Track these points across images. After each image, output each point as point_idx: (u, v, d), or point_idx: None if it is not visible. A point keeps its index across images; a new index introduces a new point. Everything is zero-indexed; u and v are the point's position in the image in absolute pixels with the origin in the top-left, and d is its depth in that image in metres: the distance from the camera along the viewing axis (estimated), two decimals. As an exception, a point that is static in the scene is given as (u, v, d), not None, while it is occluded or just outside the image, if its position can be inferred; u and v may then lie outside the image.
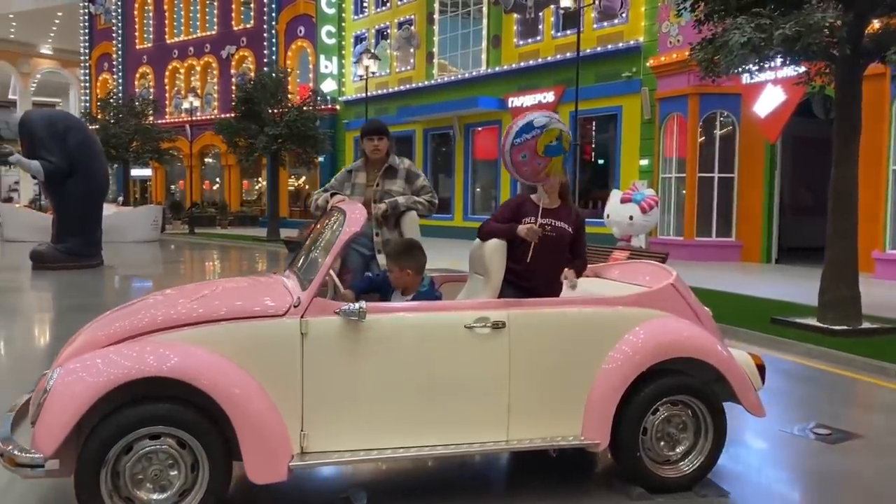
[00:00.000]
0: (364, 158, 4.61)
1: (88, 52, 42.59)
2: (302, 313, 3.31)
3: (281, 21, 32.19)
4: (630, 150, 19.67)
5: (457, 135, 24.68)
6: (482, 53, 24.18)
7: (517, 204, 4.09)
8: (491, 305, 3.58)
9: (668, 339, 3.72)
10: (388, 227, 4.38)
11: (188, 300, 3.48)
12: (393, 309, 3.48)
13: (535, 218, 3.94)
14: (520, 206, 4.05)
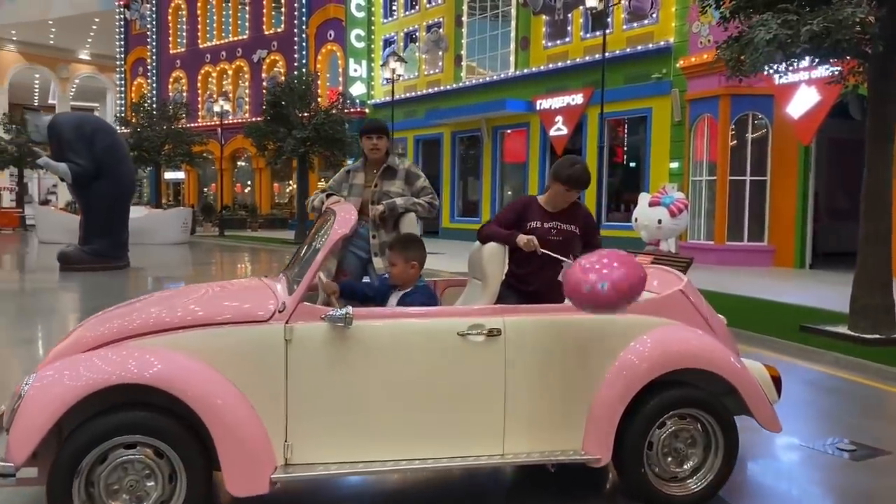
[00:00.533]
0: (363, 158, 4.47)
1: (124, 57, 43.23)
2: (287, 319, 3.18)
3: (311, 25, 32.33)
4: (660, 152, 19.33)
5: (485, 137, 24.53)
6: (510, 55, 23.99)
7: (523, 205, 3.94)
8: (486, 312, 3.41)
9: (675, 349, 3.52)
10: (386, 229, 4.24)
11: (173, 304, 3.38)
12: (382, 315, 3.33)
13: (539, 222, 3.79)
14: (525, 208, 3.90)
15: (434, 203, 4.40)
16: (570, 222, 3.95)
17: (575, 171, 3.86)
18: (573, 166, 3.88)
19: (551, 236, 3.80)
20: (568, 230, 3.94)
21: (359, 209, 4.27)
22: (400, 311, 3.38)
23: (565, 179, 3.84)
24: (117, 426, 2.94)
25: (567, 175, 3.86)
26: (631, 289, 3.29)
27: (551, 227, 3.90)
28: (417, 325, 3.32)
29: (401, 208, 4.24)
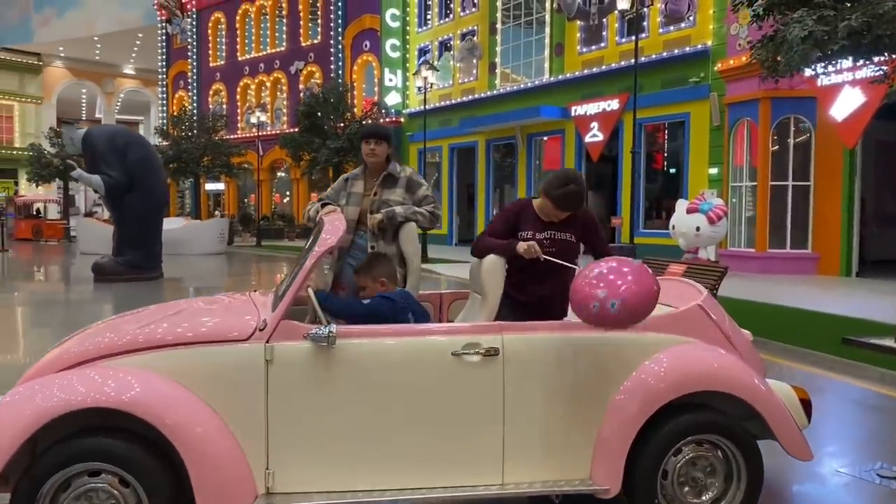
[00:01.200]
0: (363, 166, 4.26)
1: (165, 71, 43.99)
2: (267, 338, 2.99)
3: (347, 36, 32.45)
4: (698, 157, 18.83)
5: (519, 145, 24.25)
6: (545, 62, 23.69)
7: (516, 212, 3.70)
8: (482, 329, 3.17)
9: (692, 369, 3.23)
10: (386, 239, 4.01)
11: (153, 321, 3.20)
12: (369, 333, 3.10)
13: (532, 232, 3.55)
14: (519, 215, 3.66)
15: (436, 213, 4.17)
16: (566, 230, 3.69)
17: (566, 194, 3.54)
18: (565, 187, 3.53)
19: (544, 247, 3.54)
20: (564, 239, 3.70)
21: (357, 218, 4.09)
22: (388, 329, 3.14)
23: (555, 200, 3.57)
24: (80, 452, 2.77)
25: (557, 196, 3.55)
26: (643, 307, 3.05)
27: (544, 237, 3.65)
28: (407, 343, 3.08)
29: (400, 217, 3.96)
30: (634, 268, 3.09)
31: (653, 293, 3.04)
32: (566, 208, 3.59)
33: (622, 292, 2.98)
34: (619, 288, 2.99)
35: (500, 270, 3.42)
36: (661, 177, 21.27)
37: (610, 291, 2.99)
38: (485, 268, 3.43)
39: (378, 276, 3.57)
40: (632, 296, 3.00)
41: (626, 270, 3.08)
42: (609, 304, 2.98)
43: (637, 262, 3.16)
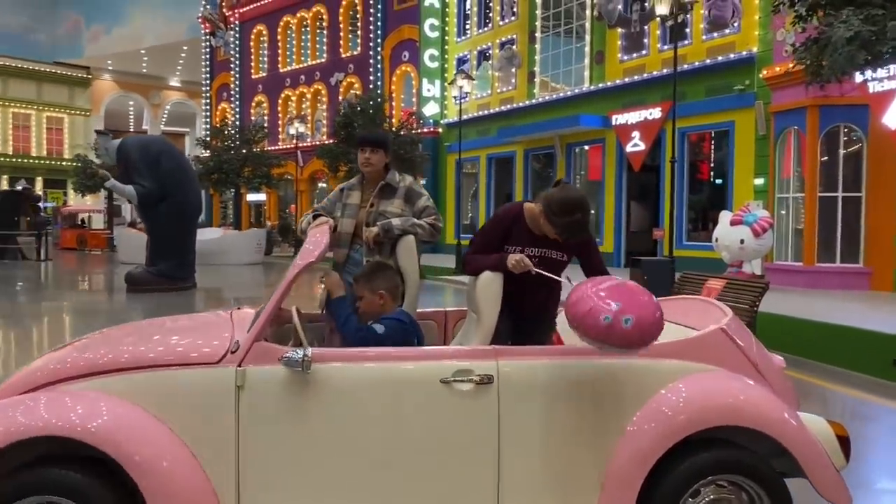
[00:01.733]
0: (360, 176, 4.01)
1: (209, 83, 44.63)
2: (239, 361, 2.73)
3: (386, 47, 32.47)
4: (744, 168, 18.23)
5: (558, 154, 23.86)
6: (585, 70, 23.31)
7: (506, 226, 3.39)
8: (476, 354, 2.86)
9: (713, 402, 2.88)
10: (383, 254, 3.74)
11: (120, 342, 2.98)
12: (349, 357, 2.82)
13: (520, 247, 3.28)
14: (509, 229, 3.36)
15: (437, 225, 3.88)
16: (559, 249, 3.40)
17: (572, 224, 3.18)
18: (571, 215, 3.16)
19: (532, 264, 3.23)
20: (553, 258, 3.41)
21: (353, 231, 3.84)
22: (370, 353, 2.85)
23: (558, 228, 3.23)
24: (33, 484, 2.54)
25: (561, 225, 3.19)
26: (654, 331, 2.76)
27: (534, 253, 3.34)
28: (391, 369, 2.80)
29: (397, 230, 3.69)
30: (637, 287, 2.84)
31: (660, 316, 2.79)
32: (568, 238, 3.29)
33: (638, 309, 2.71)
34: (635, 304, 2.72)
35: (496, 288, 3.11)
36: (705, 187, 20.68)
37: (625, 306, 2.71)
38: (480, 285, 3.13)
39: (377, 287, 3.28)
40: (648, 315, 2.72)
41: (637, 289, 2.82)
42: (623, 319, 2.69)
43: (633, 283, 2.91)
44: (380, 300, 3.25)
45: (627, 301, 2.72)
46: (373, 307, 3.26)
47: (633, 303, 2.72)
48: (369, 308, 3.27)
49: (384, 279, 3.30)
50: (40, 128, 52.30)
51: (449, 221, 28.48)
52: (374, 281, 3.28)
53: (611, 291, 2.77)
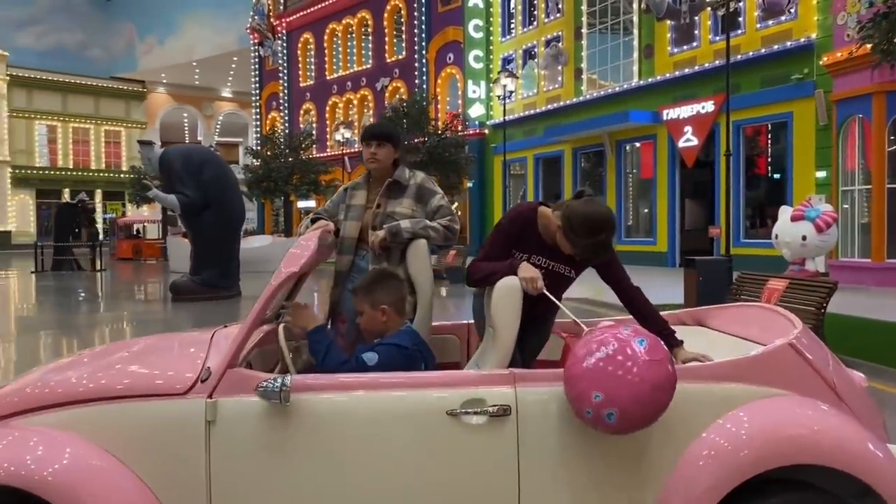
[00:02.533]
0: (367, 173, 3.57)
1: (259, 93, 45.03)
2: (210, 391, 2.33)
3: (431, 50, 32.17)
4: (804, 160, 17.32)
5: (608, 152, 23.16)
6: (633, 65, 22.57)
7: (517, 232, 2.96)
8: (489, 380, 2.40)
9: (781, 435, 2.36)
10: (391, 261, 3.29)
11: (83, 368, 2.61)
12: (336, 386, 2.39)
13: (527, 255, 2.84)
14: (520, 237, 2.91)
15: (452, 227, 3.36)
16: (568, 263, 2.95)
17: (595, 245, 2.75)
18: (595, 236, 2.73)
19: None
20: (560, 273, 2.97)
21: (357, 236, 3.41)
22: (362, 381, 2.41)
23: (580, 249, 2.78)
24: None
25: (583, 246, 2.76)
26: (652, 411, 2.28)
27: (539, 262, 2.90)
28: (386, 400, 2.36)
29: (406, 233, 3.23)
30: (644, 350, 2.28)
31: (662, 391, 2.26)
32: (590, 260, 2.85)
33: (622, 397, 2.22)
34: (620, 389, 2.22)
35: (516, 300, 2.63)
36: (762, 182, 19.77)
37: (607, 395, 2.22)
38: (497, 295, 2.65)
39: (379, 301, 2.81)
40: (634, 402, 2.22)
41: (631, 355, 2.25)
42: (605, 414, 2.23)
43: (648, 337, 2.34)
44: (382, 316, 2.81)
45: (613, 387, 2.22)
46: (374, 324, 2.83)
47: (619, 388, 2.22)
48: (370, 325, 2.84)
49: (386, 291, 2.84)
50: (99, 141, 53.58)
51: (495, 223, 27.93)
52: (375, 293, 2.83)
53: (598, 371, 2.25)
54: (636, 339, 2.29)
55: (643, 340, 2.29)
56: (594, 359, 2.26)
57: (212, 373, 2.35)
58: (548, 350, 3.27)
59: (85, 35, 57.10)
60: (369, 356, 2.61)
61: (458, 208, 33.16)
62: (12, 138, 48.52)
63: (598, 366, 2.24)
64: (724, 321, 3.17)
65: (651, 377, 2.23)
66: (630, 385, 2.21)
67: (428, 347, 2.86)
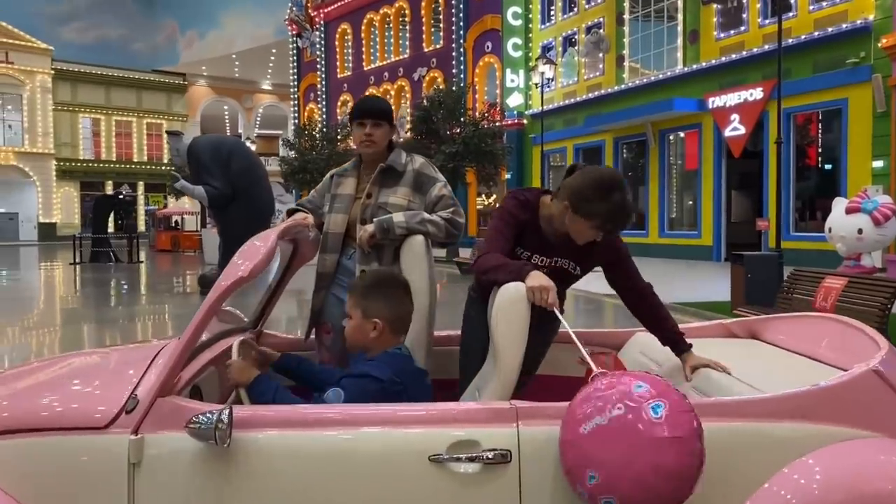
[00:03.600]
0: (357, 158, 3.06)
1: (297, 84, 44.94)
2: (136, 425, 1.87)
3: (468, 39, 31.58)
4: (859, 149, 16.37)
5: (651, 141, 22.35)
6: (678, 51, 21.70)
7: (522, 219, 2.50)
8: (484, 416, 1.89)
9: (865, 490, 1.82)
10: (382, 261, 2.79)
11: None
12: (289, 422, 1.89)
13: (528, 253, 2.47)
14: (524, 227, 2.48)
15: (456, 220, 2.83)
16: (574, 258, 2.50)
17: (614, 208, 2.30)
18: (610, 194, 2.28)
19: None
20: (565, 270, 2.53)
21: (343, 231, 2.88)
22: (326, 415, 1.92)
23: (600, 218, 2.30)
24: None
25: (603, 213, 2.29)
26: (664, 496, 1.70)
27: (541, 261, 2.47)
28: (353, 441, 1.86)
29: (400, 228, 2.72)
30: (662, 420, 1.69)
31: (682, 480, 1.69)
32: (614, 229, 2.35)
33: (623, 485, 1.68)
34: (621, 473, 1.68)
35: (521, 310, 2.10)
36: (812, 173, 18.82)
37: (605, 478, 1.69)
38: (499, 305, 2.12)
39: (374, 313, 2.29)
40: (640, 492, 1.68)
41: (641, 428, 1.69)
42: (602, 502, 1.71)
43: (668, 400, 1.73)
44: (372, 330, 2.29)
45: (614, 469, 1.68)
46: (360, 336, 2.31)
47: (621, 472, 1.68)
48: (356, 336, 2.32)
49: (387, 302, 2.31)
50: (141, 134, 54.11)
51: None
52: (373, 300, 2.30)
53: (596, 440, 1.71)
54: (651, 402, 1.69)
55: (660, 406, 1.69)
56: (593, 424, 1.71)
57: (139, 402, 1.88)
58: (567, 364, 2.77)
59: (127, 29, 57.82)
60: (332, 393, 2.09)
61: (495, 200, 32.58)
62: (57, 131, 49.25)
63: (597, 435, 1.69)
64: (785, 334, 2.61)
65: (667, 462, 1.65)
66: (636, 470, 1.65)
67: (420, 377, 2.32)
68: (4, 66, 46.65)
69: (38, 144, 48.32)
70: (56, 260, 27.59)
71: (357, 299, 2.33)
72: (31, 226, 48.19)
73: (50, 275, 21.76)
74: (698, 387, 2.21)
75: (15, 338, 9.78)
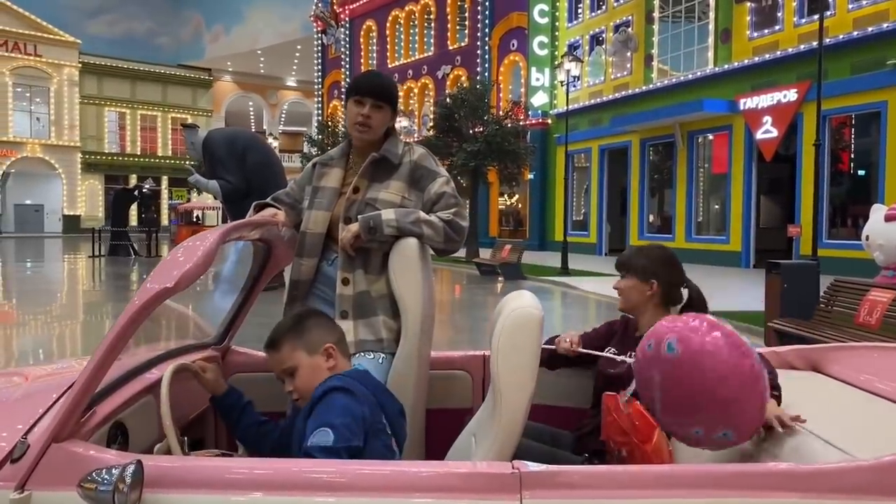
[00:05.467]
0: (345, 143, 2.58)
1: (321, 81, 44.71)
2: (24, 477, 1.44)
3: (494, 36, 31.10)
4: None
5: (679, 143, 21.72)
6: (708, 51, 21.06)
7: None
8: (480, 483, 1.43)
9: None
10: (369, 267, 2.33)
11: None
12: (219, 482, 1.45)
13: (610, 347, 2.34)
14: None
15: (457, 223, 2.35)
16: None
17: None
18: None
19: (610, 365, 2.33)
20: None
21: (325, 231, 2.41)
22: (255, 475, 1.45)
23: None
24: None
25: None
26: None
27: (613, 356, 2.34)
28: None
29: (389, 228, 2.25)
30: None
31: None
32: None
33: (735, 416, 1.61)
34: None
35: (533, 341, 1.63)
36: (846, 178, 18.14)
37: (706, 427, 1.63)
38: (504, 329, 1.66)
39: (320, 342, 1.92)
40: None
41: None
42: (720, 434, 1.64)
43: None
44: (327, 360, 1.88)
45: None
46: (317, 378, 1.86)
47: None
48: (313, 381, 1.86)
49: (327, 327, 1.96)
50: (166, 128, 54.22)
51: (557, 218, 26.80)
52: (311, 333, 1.92)
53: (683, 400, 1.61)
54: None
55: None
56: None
57: (28, 448, 1.45)
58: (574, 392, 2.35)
59: (154, 23, 57.95)
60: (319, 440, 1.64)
61: (518, 201, 32.05)
62: (83, 124, 49.47)
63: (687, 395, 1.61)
64: (853, 368, 2.12)
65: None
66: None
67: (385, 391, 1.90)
68: (33, 59, 46.95)
69: (65, 137, 48.57)
70: (78, 252, 27.56)
71: (292, 341, 1.90)
72: (55, 218, 48.46)
73: (67, 267, 21.64)
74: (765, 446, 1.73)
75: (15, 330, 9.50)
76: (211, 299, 7.57)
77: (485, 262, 17.91)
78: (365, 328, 2.27)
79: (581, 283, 14.99)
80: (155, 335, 2.63)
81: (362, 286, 2.30)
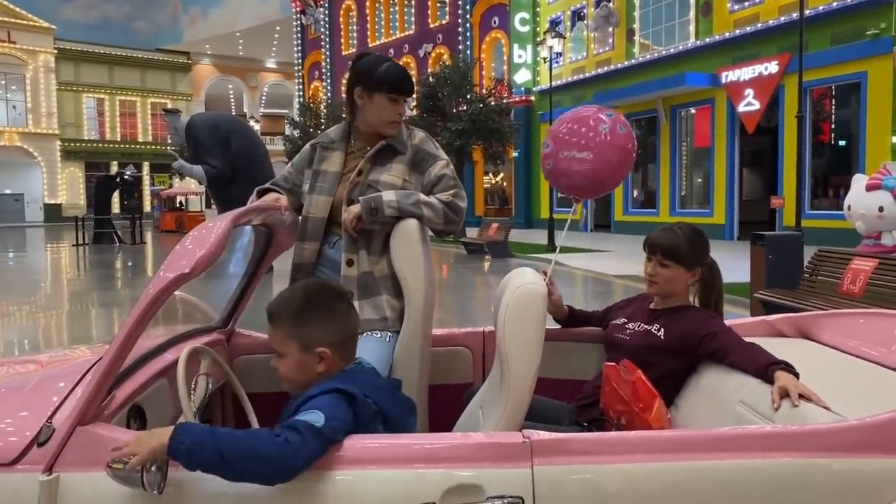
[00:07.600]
0: (345, 125, 2.57)
1: (301, 62, 44.36)
2: (50, 461, 1.49)
3: (475, 13, 30.94)
4: (878, 124, 15.85)
5: (662, 118, 21.81)
6: (689, 24, 21.10)
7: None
8: (490, 452, 1.50)
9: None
10: (371, 249, 2.37)
11: None
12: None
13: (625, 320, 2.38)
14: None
15: (456, 205, 2.38)
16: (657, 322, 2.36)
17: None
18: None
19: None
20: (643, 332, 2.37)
21: (327, 215, 2.43)
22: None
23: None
24: None
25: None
26: None
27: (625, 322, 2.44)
28: (318, 484, 1.47)
29: (390, 208, 2.29)
30: None
31: None
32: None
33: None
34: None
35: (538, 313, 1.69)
36: (827, 149, 18.31)
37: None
38: (510, 304, 1.72)
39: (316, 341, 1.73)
40: None
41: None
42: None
43: None
44: (318, 364, 1.72)
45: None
46: (303, 375, 1.74)
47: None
48: (298, 376, 1.75)
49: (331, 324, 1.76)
50: (145, 114, 53.71)
51: (543, 195, 26.89)
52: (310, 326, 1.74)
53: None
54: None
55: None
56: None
57: (54, 432, 1.50)
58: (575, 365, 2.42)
59: (130, 7, 57.18)
60: (310, 417, 1.53)
61: (503, 179, 32.09)
62: (61, 111, 48.87)
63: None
64: (841, 334, 2.20)
65: None
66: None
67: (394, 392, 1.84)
68: (7, 46, 46.19)
69: (43, 125, 47.99)
70: (61, 241, 27.32)
71: (288, 328, 1.74)
72: (36, 207, 47.98)
73: (51, 256, 21.48)
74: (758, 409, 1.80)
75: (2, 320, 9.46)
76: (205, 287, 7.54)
77: (472, 241, 17.98)
78: (370, 308, 2.33)
79: (568, 260, 15.13)
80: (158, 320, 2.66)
81: (365, 267, 2.35)
